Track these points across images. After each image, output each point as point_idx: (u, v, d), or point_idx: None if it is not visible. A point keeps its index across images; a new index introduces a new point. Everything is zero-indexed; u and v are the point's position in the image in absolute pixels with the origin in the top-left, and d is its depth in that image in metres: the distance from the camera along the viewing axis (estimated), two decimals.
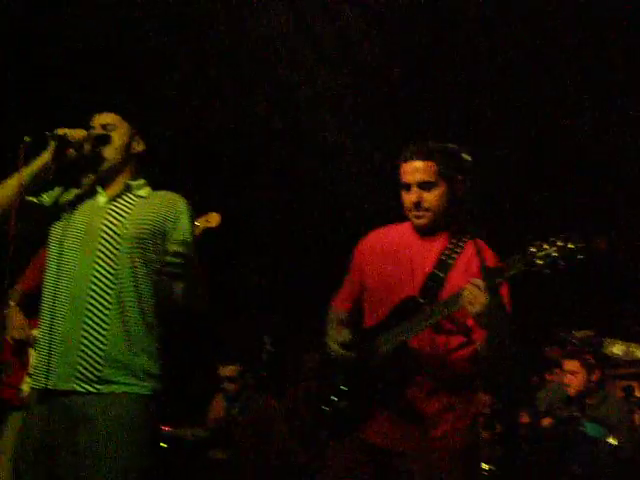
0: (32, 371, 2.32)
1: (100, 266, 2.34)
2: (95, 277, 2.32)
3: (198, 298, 2.44)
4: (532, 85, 4.84)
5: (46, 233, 2.47)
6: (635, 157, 5.19)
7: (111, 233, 2.38)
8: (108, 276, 2.33)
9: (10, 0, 4.21)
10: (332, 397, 2.60)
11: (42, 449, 2.22)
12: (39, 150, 2.37)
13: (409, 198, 2.52)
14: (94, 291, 2.31)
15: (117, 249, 2.36)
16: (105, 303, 2.30)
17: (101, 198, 2.48)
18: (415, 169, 2.50)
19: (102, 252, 2.35)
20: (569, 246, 2.10)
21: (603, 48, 4.61)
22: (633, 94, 4.87)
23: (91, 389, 2.23)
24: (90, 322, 2.28)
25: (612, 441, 4.24)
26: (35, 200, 2.46)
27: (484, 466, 4.46)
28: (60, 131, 2.37)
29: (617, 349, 5.18)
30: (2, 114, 4.59)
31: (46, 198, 2.49)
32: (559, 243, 2.11)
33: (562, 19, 4.50)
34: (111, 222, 2.41)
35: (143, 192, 2.52)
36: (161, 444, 4.59)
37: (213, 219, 3.34)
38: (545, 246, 2.13)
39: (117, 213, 2.43)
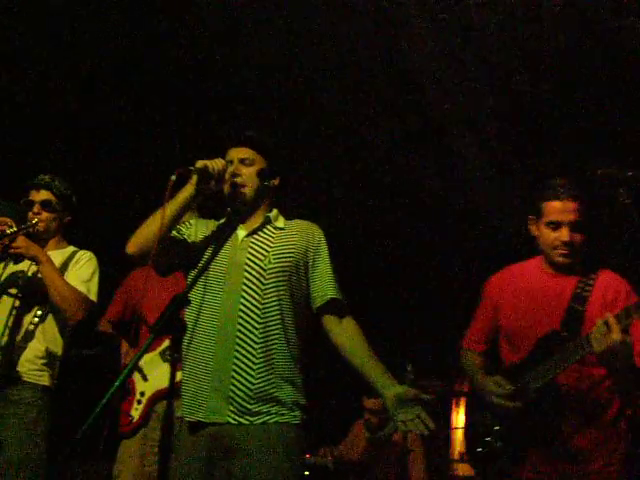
0: (183, 405, 2.33)
1: (247, 300, 2.33)
2: (242, 312, 2.31)
3: None
4: None
5: (185, 266, 2.49)
6: None
7: (256, 268, 2.37)
8: (255, 311, 2.32)
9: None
10: (486, 438, 2.64)
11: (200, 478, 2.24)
12: (181, 183, 2.36)
13: (558, 236, 2.59)
14: (242, 325, 2.30)
15: (263, 284, 2.35)
16: (253, 337, 2.30)
17: (240, 232, 2.46)
18: (569, 209, 2.57)
19: (248, 287, 2.34)
20: None
21: None
22: None
23: (244, 421, 2.24)
24: (240, 356, 2.28)
25: None
26: (176, 234, 2.47)
27: None
28: (200, 163, 2.37)
29: None
30: (150, 149, 4.79)
31: (185, 231, 2.50)
32: None
33: None
34: (255, 256, 2.39)
35: (280, 223, 2.52)
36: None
37: None
38: None
39: (259, 247, 2.42)
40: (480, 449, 2.65)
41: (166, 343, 3.33)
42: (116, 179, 5.05)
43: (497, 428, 2.62)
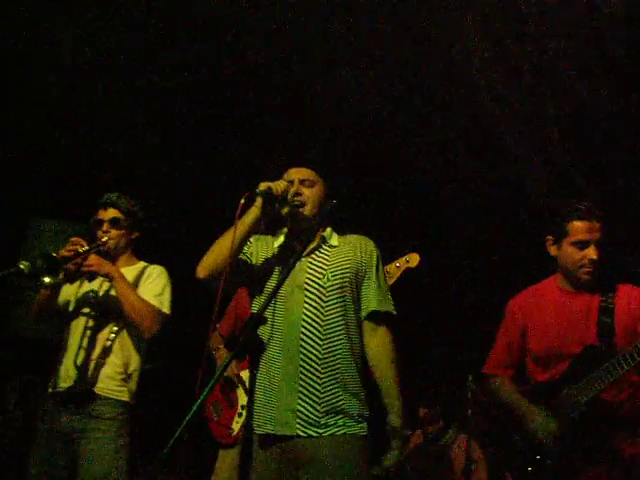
0: (253, 418, 2.41)
1: (309, 317, 2.41)
2: (305, 328, 2.40)
3: None
4: None
5: (249, 284, 2.58)
6: None
7: (315, 286, 2.45)
8: (318, 328, 2.40)
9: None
10: (536, 456, 2.64)
11: None
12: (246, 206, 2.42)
13: (586, 255, 2.69)
14: (305, 342, 2.38)
15: (324, 301, 2.43)
16: (316, 353, 2.38)
17: None
18: (596, 228, 2.69)
19: (309, 305, 2.43)
20: None
21: None
22: None
23: (313, 434, 2.32)
24: (305, 372, 2.36)
25: None
26: (240, 255, 2.54)
27: None
28: (263, 185, 2.45)
29: None
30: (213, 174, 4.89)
31: (247, 250, 2.57)
32: None
33: None
34: (313, 276, 2.47)
35: (334, 241, 2.59)
36: None
37: (413, 259, 3.37)
38: None
39: (317, 266, 2.50)
40: (531, 468, 2.66)
41: None
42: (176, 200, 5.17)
43: (548, 445, 2.62)
